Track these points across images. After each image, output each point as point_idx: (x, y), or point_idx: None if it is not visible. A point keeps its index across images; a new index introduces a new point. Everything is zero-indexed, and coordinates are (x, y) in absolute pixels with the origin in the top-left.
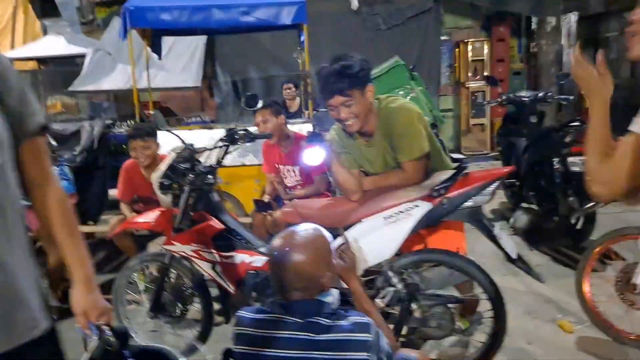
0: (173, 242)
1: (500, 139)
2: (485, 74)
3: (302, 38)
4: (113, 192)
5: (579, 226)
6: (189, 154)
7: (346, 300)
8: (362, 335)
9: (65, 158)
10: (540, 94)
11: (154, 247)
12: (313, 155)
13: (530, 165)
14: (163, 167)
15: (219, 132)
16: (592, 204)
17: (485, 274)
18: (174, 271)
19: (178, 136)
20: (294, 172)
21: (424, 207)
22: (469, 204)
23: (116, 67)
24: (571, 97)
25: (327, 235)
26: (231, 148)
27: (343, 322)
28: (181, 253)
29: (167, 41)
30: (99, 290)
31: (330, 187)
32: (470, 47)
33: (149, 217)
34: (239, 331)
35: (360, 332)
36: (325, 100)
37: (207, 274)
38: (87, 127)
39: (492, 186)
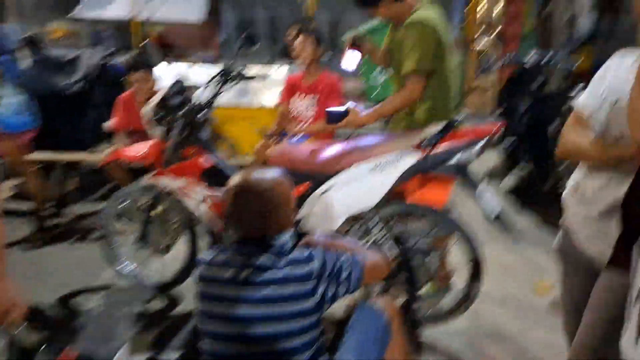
0: (162, 175)
1: (502, 99)
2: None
3: None
4: (108, 125)
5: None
6: (179, 88)
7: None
8: (303, 268)
9: (63, 84)
10: (545, 59)
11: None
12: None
13: (529, 127)
14: (155, 99)
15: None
16: None
17: (467, 234)
18: (163, 204)
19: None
20: (310, 104)
21: (411, 158)
22: (456, 158)
23: None
24: (573, 66)
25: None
26: (225, 87)
27: (283, 261)
28: (169, 187)
29: None
30: (6, 282)
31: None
32: (480, 6)
33: (140, 149)
34: (199, 273)
35: (301, 264)
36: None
37: (194, 209)
38: (87, 55)
39: (481, 143)
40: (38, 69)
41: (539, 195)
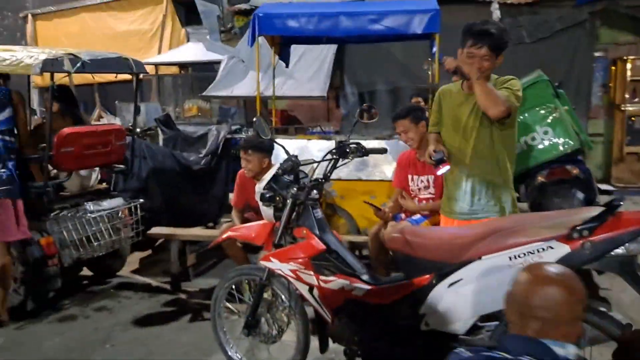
0: (271, 258)
1: None
2: None
3: (433, 49)
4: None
5: None
6: (290, 166)
7: None
8: None
9: (192, 160)
10: None
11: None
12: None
13: None
14: (266, 177)
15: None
16: None
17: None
18: (272, 288)
19: (282, 146)
20: (427, 182)
21: (560, 250)
22: (619, 251)
23: (248, 74)
24: None
25: None
26: (340, 162)
27: None
28: (278, 271)
29: (297, 50)
30: None
31: None
32: (629, 65)
33: (251, 228)
34: None
35: None
36: (470, 45)
37: (304, 296)
38: (214, 131)
39: None
40: (170, 145)
41: None
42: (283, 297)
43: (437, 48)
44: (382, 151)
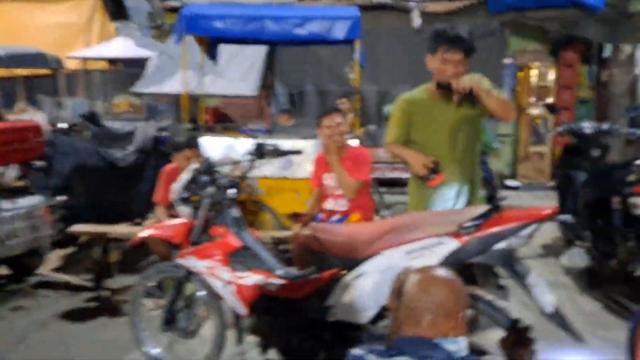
0: (188, 256)
1: (558, 170)
2: (548, 101)
3: (355, 54)
4: None
5: (637, 273)
6: (207, 166)
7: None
8: None
9: (118, 156)
10: (605, 126)
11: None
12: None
13: (588, 202)
14: (184, 178)
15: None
16: None
17: (514, 321)
18: (189, 285)
19: (203, 146)
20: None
21: (450, 245)
22: (501, 245)
23: (177, 71)
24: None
25: None
26: (257, 163)
27: None
28: (194, 268)
29: (229, 49)
30: None
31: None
32: (534, 72)
33: (170, 227)
34: None
35: None
36: (446, 50)
37: (220, 292)
38: (141, 128)
39: (529, 228)
40: (95, 142)
41: (601, 278)
42: (201, 293)
43: (358, 53)
44: (297, 152)
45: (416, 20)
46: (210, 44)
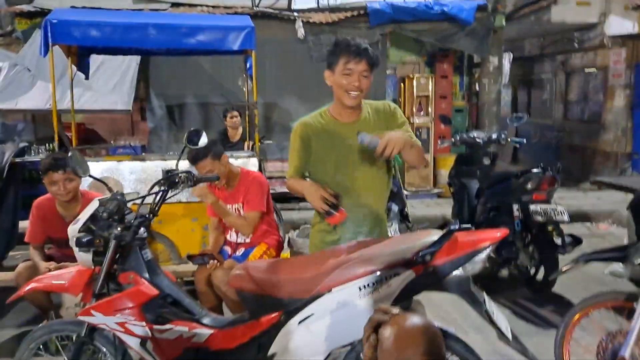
0: (92, 311)
1: (453, 180)
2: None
3: (249, 65)
4: (25, 225)
5: (538, 277)
6: (116, 206)
7: None
8: None
9: None
10: (494, 136)
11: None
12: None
13: (487, 210)
14: (82, 217)
15: (154, 165)
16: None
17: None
18: (94, 345)
19: (104, 182)
20: (238, 211)
21: (406, 276)
22: (457, 273)
23: (35, 84)
24: (525, 140)
25: None
26: (170, 193)
27: None
28: (102, 325)
29: (95, 59)
30: None
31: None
32: (415, 83)
33: (62, 277)
34: None
35: None
36: (349, 61)
37: (134, 352)
38: None
39: (484, 252)
40: None
41: (504, 284)
42: (107, 353)
43: (254, 64)
44: (214, 178)
45: (300, 31)
46: (79, 55)
